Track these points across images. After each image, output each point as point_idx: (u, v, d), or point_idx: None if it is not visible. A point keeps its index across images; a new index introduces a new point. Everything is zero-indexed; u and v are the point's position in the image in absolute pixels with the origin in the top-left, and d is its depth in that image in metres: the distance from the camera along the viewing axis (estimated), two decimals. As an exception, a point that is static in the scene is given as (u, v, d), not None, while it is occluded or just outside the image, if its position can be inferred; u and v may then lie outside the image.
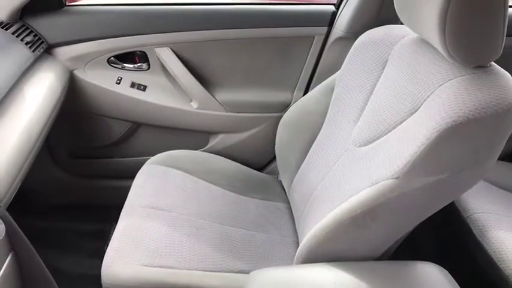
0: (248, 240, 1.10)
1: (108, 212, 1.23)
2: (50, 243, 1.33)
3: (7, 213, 0.76)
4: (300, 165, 1.18)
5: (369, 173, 0.81)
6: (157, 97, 1.29)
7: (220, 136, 1.37)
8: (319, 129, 1.13)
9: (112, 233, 1.00)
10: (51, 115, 1.05)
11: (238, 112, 1.33)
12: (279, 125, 1.24)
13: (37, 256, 0.79)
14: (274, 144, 1.28)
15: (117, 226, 1.04)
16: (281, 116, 1.25)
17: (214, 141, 1.38)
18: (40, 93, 1.05)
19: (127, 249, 0.96)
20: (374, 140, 0.89)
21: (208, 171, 1.26)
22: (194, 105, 1.30)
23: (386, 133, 0.85)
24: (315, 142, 1.14)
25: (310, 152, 1.14)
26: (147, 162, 1.24)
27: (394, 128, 0.83)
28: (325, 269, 0.76)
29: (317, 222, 0.82)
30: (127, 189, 1.13)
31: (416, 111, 0.76)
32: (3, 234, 0.72)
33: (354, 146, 0.96)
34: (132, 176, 1.17)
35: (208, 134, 1.38)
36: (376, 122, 0.90)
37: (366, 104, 0.98)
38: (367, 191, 0.76)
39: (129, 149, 1.41)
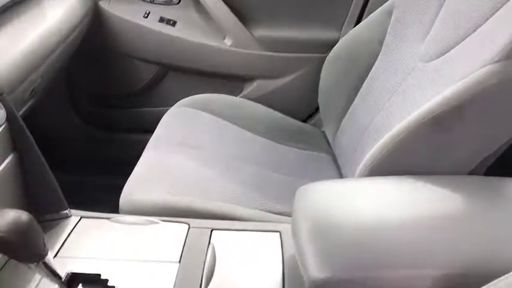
0: (288, 185, 0.94)
1: (131, 168, 1.10)
2: (66, 197, 1.21)
3: (13, 109, 0.63)
4: (349, 107, 1.02)
5: (450, 78, 0.65)
6: (187, 33, 1.16)
7: (257, 82, 1.22)
8: (374, 60, 0.97)
9: None
10: (69, 35, 0.93)
11: (277, 52, 1.18)
12: (325, 64, 1.09)
13: (42, 159, 0.66)
14: (318, 92, 1.13)
15: (140, 159, 0.91)
16: (325, 58, 1.10)
17: (250, 88, 1.23)
18: (60, 10, 0.94)
19: (150, 179, 0.82)
20: (451, 48, 0.73)
21: (243, 116, 1.12)
22: (228, 42, 1.16)
23: (465, 37, 0.69)
24: (368, 76, 0.98)
25: (362, 88, 0.99)
26: (175, 104, 1.11)
27: (475, 29, 0.67)
28: (398, 180, 0.59)
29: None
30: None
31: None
32: (4, 120, 0.59)
33: (424, 62, 0.80)
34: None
35: (243, 80, 1.23)
36: (451, 29, 0.74)
37: (437, 15, 0.82)
38: (453, 87, 0.60)
39: (155, 98, 1.28)
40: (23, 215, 0.49)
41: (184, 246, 0.65)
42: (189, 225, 0.69)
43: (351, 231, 0.49)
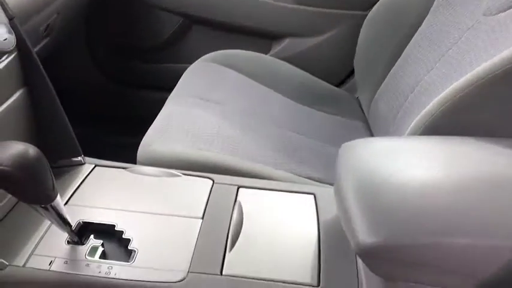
0: (317, 150, 0.86)
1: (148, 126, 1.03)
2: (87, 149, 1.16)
3: (25, 37, 0.56)
4: (390, 70, 0.93)
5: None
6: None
7: (288, 40, 1.13)
8: (423, 17, 0.87)
9: None
10: None
11: (311, 6, 1.08)
12: (365, 22, 0.99)
13: (56, 98, 0.60)
14: (355, 54, 1.03)
15: (160, 112, 0.84)
16: (366, 16, 1.00)
17: (280, 47, 1.14)
18: None
19: (171, 131, 0.76)
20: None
21: (270, 75, 1.05)
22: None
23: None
24: (415, 35, 0.88)
25: (407, 49, 0.89)
26: (199, 59, 1.03)
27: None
28: (460, 140, 0.51)
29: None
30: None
31: None
32: (14, 45, 0.52)
33: (488, 15, 0.70)
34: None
35: (273, 37, 1.14)
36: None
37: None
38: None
39: (178, 53, 1.20)
40: (30, 149, 0.42)
41: (208, 202, 0.58)
42: (213, 180, 0.62)
43: (410, 191, 0.41)
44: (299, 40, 1.12)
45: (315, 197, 0.60)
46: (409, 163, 0.46)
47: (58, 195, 0.46)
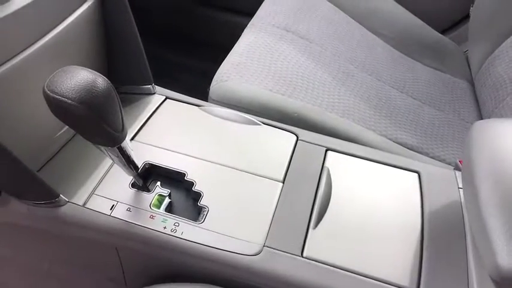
0: (414, 110, 0.73)
1: (225, 54, 0.92)
2: (158, 73, 1.09)
3: None
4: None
5: None
6: None
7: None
8: None
9: None
10: None
11: None
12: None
13: (129, 10, 0.51)
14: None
15: (238, 41, 0.73)
16: None
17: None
18: None
19: (249, 67, 0.65)
20: None
21: (370, 13, 0.89)
22: None
23: None
24: None
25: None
26: (286, -17, 0.88)
27: None
28: None
29: None
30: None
31: None
32: None
33: None
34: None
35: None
36: None
37: None
38: None
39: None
40: (99, 79, 0.34)
41: (290, 162, 0.49)
42: (297, 136, 0.53)
43: None
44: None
45: (419, 176, 0.49)
46: None
47: (127, 137, 0.39)
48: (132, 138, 0.51)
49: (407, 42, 0.89)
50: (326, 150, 0.51)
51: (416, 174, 0.49)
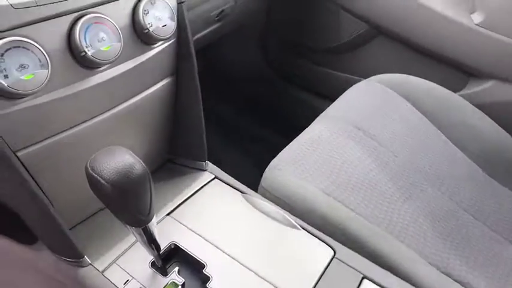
0: (492, 246, 0.64)
1: (293, 132, 0.94)
2: (227, 138, 1.15)
3: (186, 23, 0.50)
4: None
5: None
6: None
7: (490, 83, 0.88)
8: None
9: None
10: None
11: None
12: None
13: (199, 94, 0.53)
14: None
15: (306, 129, 0.73)
16: None
17: (478, 89, 0.89)
18: None
19: (308, 159, 0.64)
20: None
21: (457, 124, 0.82)
22: (477, 18, 0.84)
23: None
24: None
25: None
26: (368, 78, 0.88)
27: None
28: None
29: None
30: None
31: None
32: (172, 32, 0.47)
33: None
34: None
35: (470, 73, 0.90)
36: None
37: None
38: None
39: (351, 63, 1.06)
40: (137, 165, 0.35)
41: (318, 281, 0.45)
42: (334, 252, 0.49)
43: None
44: (508, 87, 0.86)
45: None
46: None
47: (154, 218, 0.40)
48: (168, 214, 0.51)
49: (496, 162, 0.80)
50: (362, 278, 0.46)
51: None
